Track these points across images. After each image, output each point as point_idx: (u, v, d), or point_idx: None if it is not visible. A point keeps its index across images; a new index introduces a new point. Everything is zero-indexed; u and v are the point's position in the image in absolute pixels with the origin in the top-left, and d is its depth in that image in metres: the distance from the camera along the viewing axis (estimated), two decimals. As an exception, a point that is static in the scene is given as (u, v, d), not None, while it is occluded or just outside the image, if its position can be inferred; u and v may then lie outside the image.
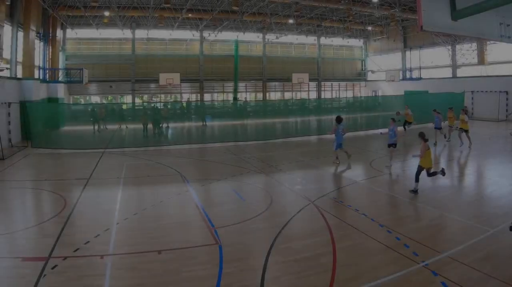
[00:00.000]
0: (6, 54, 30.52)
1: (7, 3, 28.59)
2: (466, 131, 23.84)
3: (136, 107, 45.48)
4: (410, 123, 30.54)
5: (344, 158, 19.59)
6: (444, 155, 23.20)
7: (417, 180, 14.10)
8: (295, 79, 57.63)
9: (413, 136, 20.14)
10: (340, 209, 12.81)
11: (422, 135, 14.45)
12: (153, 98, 54.94)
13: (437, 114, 26.45)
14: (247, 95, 59.39)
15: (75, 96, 52.48)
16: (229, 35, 55.89)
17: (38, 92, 32.67)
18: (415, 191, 13.98)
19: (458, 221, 11.41)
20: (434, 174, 14.63)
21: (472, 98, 43.96)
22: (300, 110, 44.98)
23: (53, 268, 8.54)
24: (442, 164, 19.94)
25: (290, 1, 39.74)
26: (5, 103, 26.42)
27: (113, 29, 50.28)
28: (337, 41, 61.38)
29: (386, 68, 59.00)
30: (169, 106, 44.48)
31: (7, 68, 29.25)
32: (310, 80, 59.72)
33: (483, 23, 8.11)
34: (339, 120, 20.01)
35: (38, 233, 10.80)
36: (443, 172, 14.77)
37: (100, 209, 13.12)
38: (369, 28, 55.67)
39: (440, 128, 26.16)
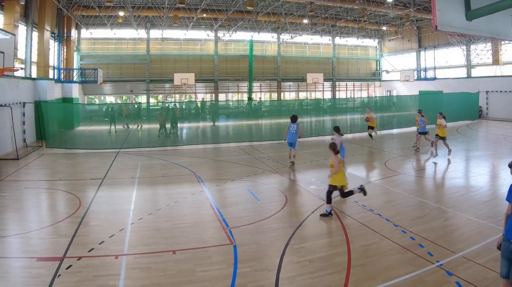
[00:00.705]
0: (21, 54, 30.85)
1: (21, 3, 28.71)
2: (443, 139, 21.17)
3: (154, 107, 45.51)
4: (372, 128, 27.47)
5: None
6: (458, 155, 22.85)
7: (329, 201, 11.95)
8: (309, 79, 57.29)
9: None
10: (355, 209, 12.74)
11: (332, 147, 12.34)
12: (167, 98, 55.09)
13: (421, 117, 23.84)
14: (262, 95, 59.45)
15: (90, 96, 52.93)
16: (243, 35, 55.98)
17: (52, 92, 32.79)
18: (327, 214, 11.85)
19: (472, 221, 11.34)
20: (350, 193, 12.39)
21: (487, 98, 43.80)
22: (314, 110, 45.01)
23: (67, 268, 8.57)
24: (459, 164, 19.84)
25: (305, 1, 39.67)
26: (20, 103, 26.49)
27: (127, 29, 50.47)
28: (351, 41, 61.37)
29: (401, 68, 58.69)
30: (183, 107, 44.60)
31: (21, 68, 29.32)
32: (325, 80, 59.50)
33: (498, 23, 8.05)
34: (293, 119, 19.76)
35: (53, 233, 10.82)
36: (363, 191, 12.49)
37: (114, 209, 13.14)
38: (384, 28, 55.57)
39: (425, 133, 23.41)
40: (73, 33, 44.89)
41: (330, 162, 12.20)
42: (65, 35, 41.69)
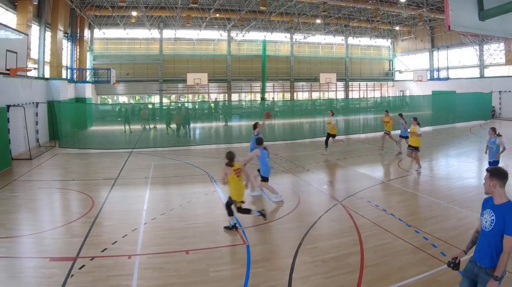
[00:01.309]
0: (34, 54, 31.05)
1: (34, 3, 28.88)
2: (416, 149, 18.16)
3: (170, 107, 45.72)
4: (334, 136, 23.59)
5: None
6: (471, 155, 22.69)
7: (230, 213, 11.04)
8: (322, 79, 57.21)
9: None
10: (368, 209, 12.69)
11: (229, 156, 11.25)
12: (180, 98, 55.24)
13: (401, 120, 22.49)
14: (275, 95, 59.48)
15: (103, 96, 53.17)
16: (256, 35, 56.02)
17: (65, 92, 33.01)
18: (231, 227, 11.03)
19: (486, 221, 11.25)
20: (247, 211, 11.35)
21: (500, 98, 43.54)
22: (327, 110, 44.86)
23: (80, 268, 8.60)
24: (472, 164, 19.71)
25: (318, 1, 39.63)
26: (33, 103, 26.61)
27: (140, 29, 50.70)
28: (364, 41, 61.29)
29: (414, 68, 58.43)
30: (196, 106, 44.69)
31: (34, 68, 29.37)
32: (338, 80, 59.42)
33: (511, 23, 7.99)
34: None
35: (66, 233, 10.86)
36: (264, 215, 11.40)
37: (127, 209, 13.18)
38: (397, 28, 55.45)
39: (407, 137, 21.00)
40: (86, 33, 45.12)
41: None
42: (78, 35, 41.90)
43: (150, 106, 42.87)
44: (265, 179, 13.81)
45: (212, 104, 49.01)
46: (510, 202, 5.36)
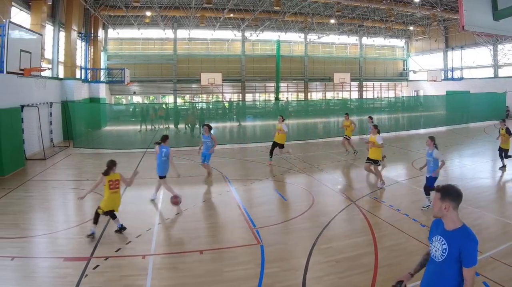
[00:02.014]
0: (48, 54, 31.25)
1: (48, 3, 29.04)
2: (376, 163, 15.76)
3: (180, 107, 45.83)
4: (282, 146, 20.34)
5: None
6: (485, 155, 22.47)
7: (94, 220, 10.49)
8: (336, 79, 57.16)
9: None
10: (382, 209, 12.73)
11: (109, 164, 10.67)
12: (194, 98, 55.37)
13: (371, 123, 20.46)
14: (289, 95, 59.43)
15: (117, 96, 53.43)
16: (270, 35, 56.03)
17: (79, 92, 33.11)
18: (89, 235, 10.30)
19: (500, 221, 11.30)
20: (114, 217, 10.81)
21: (514, 98, 43.18)
22: (341, 110, 44.83)
23: (94, 268, 8.64)
24: (486, 164, 19.57)
25: (332, 1, 39.64)
26: (47, 103, 26.63)
27: (154, 29, 50.79)
28: (378, 41, 61.16)
29: (428, 68, 58.25)
30: (210, 106, 44.77)
31: (48, 68, 29.67)
32: (352, 80, 59.32)
33: (525, 24, 7.93)
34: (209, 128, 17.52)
35: (80, 233, 10.87)
36: (120, 230, 10.74)
37: (141, 209, 13.24)
38: (411, 28, 55.36)
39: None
40: (100, 33, 45.28)
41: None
42: (92, 35, 42.05)
43: (164, 106, 43.00)
44: (161, 178, 13.71)
45: (226, 104, 49.03)
46: (465, 227, 4.68)
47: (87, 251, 9.53)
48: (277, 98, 55.24)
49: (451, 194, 4.66)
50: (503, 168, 17.92)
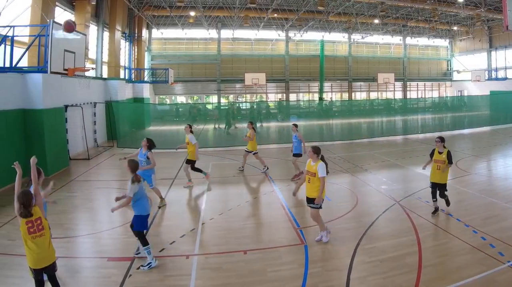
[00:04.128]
0: (92, 54, 31.69)
1: (92, 3, 29.59)
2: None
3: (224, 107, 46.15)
4: (193, 162, 16.45)
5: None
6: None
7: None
8: (380, 79, 57.01)
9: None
10: (426, 209, 12.54)
11: (20, 200, 6.75)
12: (238, 98, 55.64)
13: (295, 132, 17.64)
14: (333, 95, 59.33)
15: (161, 96, 54.08)
16: (314, 35, 56.02)
17: (123, 92, 33.43)
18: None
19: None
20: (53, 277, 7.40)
21: (560, 98, 42.15)
22: (385, 110, 44.41)
23: (138, 268, 8.75)
24: None
25: (376, 1, 39.49)
26: (91, 103, 27.06)
27: (198, 29, 51.44)
28: (422, 41, 60.41)
29: (472, 68, 57.50)
30: (254, 106, 44.89)
31: (92, 68, 30.04)
32: (396, 80, 58.92)
33: None
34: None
35: (124, 233, 11.00)
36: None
37: (185, 209, 13.42)
38: (455, 28, 54.59)
39: (299, 155, 17.31)
40: (144, 33, 46.04)
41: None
42: (136, 35, 42.76)
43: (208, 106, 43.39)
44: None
45: (271, 104, 48.98)
46: None
47: (131, 251, 9.62)
48: (321, 98, 55.26)
49: None
50: None
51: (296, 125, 17.75)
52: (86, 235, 10.91)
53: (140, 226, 9.01)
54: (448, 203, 12.15)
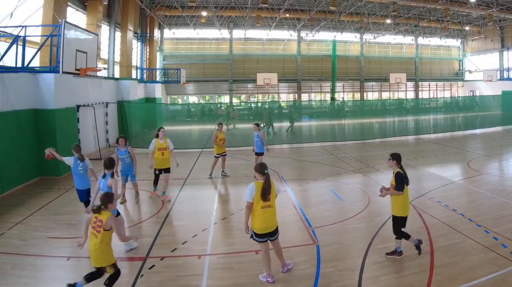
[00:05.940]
0: (104, 54, 31.71)
1: (104, 3, 29.66)
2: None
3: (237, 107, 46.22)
4: (167, 170, 15.18)
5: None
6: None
7: None
8: (392, 79, 56.59)
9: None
10: (438, 209, 12.53)
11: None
12: (250, 98, 55.66)
13: (257, 131, 17.61)
14: (345, 95, 59.23)
15: (172, 96, 54.26)
16: (326, 35, 55.74)
17: (135, 92, 33.34)
18: None
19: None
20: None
21: None
22: (397, 110, 44.31)
23: (150, 268, 8.78)
24: None
25: (388, 1, 39.28)
26: (103, 103, 26.95)
27: (210, 29, 51.28)
28: (434, 41, 59.94)
29: (484, 68, 57.14)
30: (266, 106, 44.93)
31: (104, 68, 30.13)
32: (408, 80, 58.50)
33: None
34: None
35: (136, 233, 11.03)
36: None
37: (197, 209, 13.36)
38: (467, 28, 54.35)
39: (261, 154, 17.62)
40: (156, 33, 46.07)
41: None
42: (147, 35, 42.74)
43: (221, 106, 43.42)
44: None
45: (283, 104, 48.97)
46: None
47: (143, 251, 9.68)
48: (332, 98, 55.05)
49: None
50: None
51: (258, 125, 17.82)
52: (100, 234, 10.91)
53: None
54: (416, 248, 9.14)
